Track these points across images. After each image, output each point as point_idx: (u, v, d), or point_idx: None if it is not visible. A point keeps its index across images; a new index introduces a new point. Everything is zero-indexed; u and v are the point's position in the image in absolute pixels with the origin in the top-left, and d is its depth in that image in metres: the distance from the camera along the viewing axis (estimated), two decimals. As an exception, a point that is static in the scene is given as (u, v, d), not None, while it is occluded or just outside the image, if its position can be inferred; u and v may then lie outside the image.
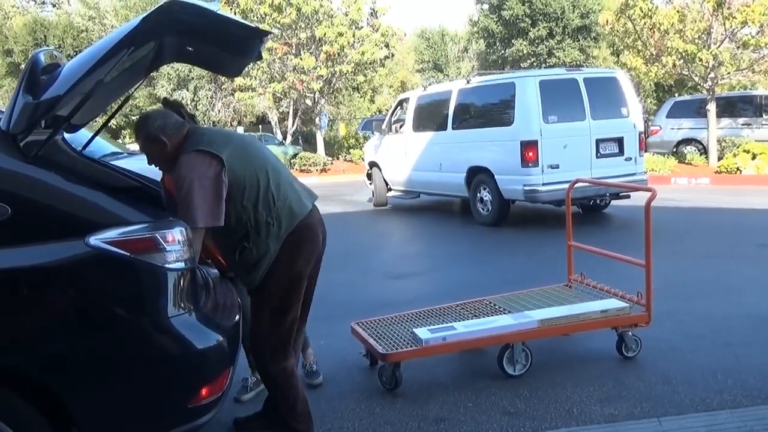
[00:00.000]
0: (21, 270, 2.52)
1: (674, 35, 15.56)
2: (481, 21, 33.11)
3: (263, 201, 3.04)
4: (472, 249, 8.65)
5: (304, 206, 3.16)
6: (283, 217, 3.07)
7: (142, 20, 2.69)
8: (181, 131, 3.12)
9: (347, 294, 6.18)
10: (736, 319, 4.95)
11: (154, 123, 3.11)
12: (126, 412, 2.66)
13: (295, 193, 3.17)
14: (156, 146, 3.11)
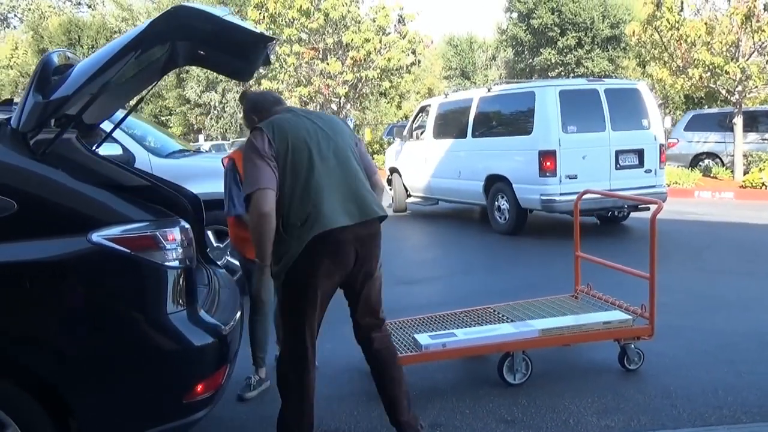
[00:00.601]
0: (25, 264, 2.61)
1: (701, 47, 15.40)
2: (509, 29, 33.06)
3: (298, 199, 3.04)
4: (487, 257, 8.65)
5: (336, 221, 3.04)
6: (310, 223, 3.02)
7: (149, 25, 2.78)
8: (270, 111, 3.34)
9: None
10: (744, 336, 4.90)
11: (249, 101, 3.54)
12: (122, 405, 2.73)
13: (334, 203, 3.07)
14: (248, 121, 3.52)
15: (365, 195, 3.18)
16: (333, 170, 3.13)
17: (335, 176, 3.12)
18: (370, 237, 3.19)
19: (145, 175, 3.85)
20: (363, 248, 3.17)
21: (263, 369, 4.19)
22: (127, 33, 2.95)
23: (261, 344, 4.19)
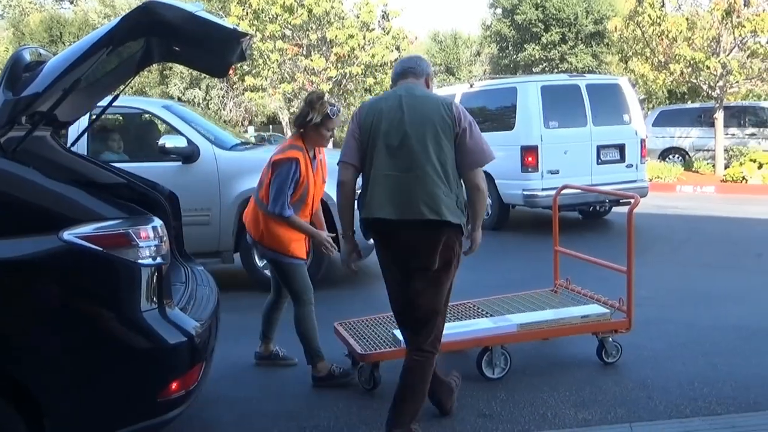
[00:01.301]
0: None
1: (683, 43, 15.51)
2: (494, 25, 33.09)
3: (364, 179, 3.29)
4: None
5: (378, 212, 3.18)
6: (363, 205, 3.26)
7: (121, 20, 2.76)
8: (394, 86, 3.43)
9: (338, 294, 6.23)
10: (721, 329, 4.95)
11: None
12: (96, 404, 2.71)
13: (382, 196, 3.16)
14: None
15: (416, 193, 3.13)
16: (395, 162, 3.17)
17: (395, 167, 3.16)
18: (416, 238, 3.17)
19: (120, 173, 3.84)
20: (408, 246, 3.19)
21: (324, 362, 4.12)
22: (98, 29, 2.93)
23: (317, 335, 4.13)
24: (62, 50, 3.23)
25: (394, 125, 3.17)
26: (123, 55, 3.44)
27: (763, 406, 3.60)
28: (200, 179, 6.32)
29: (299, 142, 4.03)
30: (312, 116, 3.95)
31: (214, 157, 6.43)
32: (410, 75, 3.39)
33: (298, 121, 4.04)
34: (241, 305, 5.63)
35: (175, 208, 3.94)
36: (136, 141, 7.68)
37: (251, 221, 4.17)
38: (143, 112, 7.28)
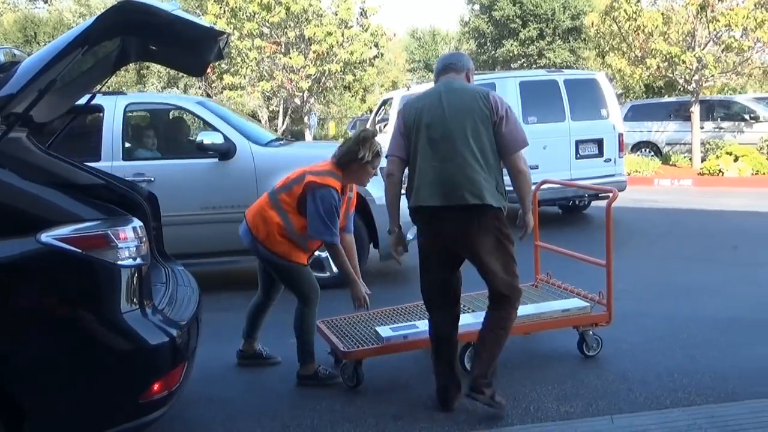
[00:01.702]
0: (-29, 266, 2.55)
1: (658, 37, 15.66)
2: (472, 21, 33.19)
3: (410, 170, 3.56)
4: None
5: (425, 200, 3.46)
6: (411, 195, 3.53)
7: (96, 20, 2.73)
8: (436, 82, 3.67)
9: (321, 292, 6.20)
10: (698, 321, 5.02)
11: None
12: (77, 406, 2.69)
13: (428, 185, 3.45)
14: None
15: (459, 181, 3.39)
16: (438, 153, 3.43)
17: (438, 158, 3.42)
18: (462, 223, 3.45)
19: (98, 173, 3.81)
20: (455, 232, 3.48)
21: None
22: (73, 29, 2.90)
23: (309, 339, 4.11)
24: (37, 50, 3.19)
25: (435, 119, 3.44)
26: (99, 55, 3.41)
27: (740, 396, 3.66)
28: (237, 176, 6.25)
29: (339, 172, 3.97)
30: (363, 154, 3.92)
31: (250, 154, 6.36)
32: (451, 71, 3.63)
33: (346, 158, 3.96)
34: (224, 305, 5.61)
35: (154, 209, 3.92)
36: (170, 138, 7.59)
37: (258, 219, 4.04)
38: (178, 109, 7.21)
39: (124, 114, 6.51)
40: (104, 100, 6.55)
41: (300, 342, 4.07)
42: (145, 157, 6.79)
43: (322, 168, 4.01)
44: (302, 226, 3.96)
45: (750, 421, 3.37)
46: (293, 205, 3.96)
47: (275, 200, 4.02)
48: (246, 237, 4.11)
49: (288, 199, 3.96)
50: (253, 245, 4.08)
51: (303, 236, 3.98)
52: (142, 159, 6.66)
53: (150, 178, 6.26)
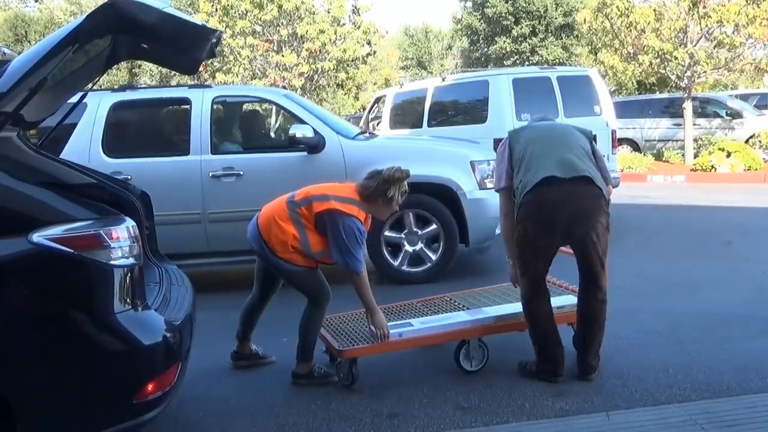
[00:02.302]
0: (-38, 267, 2.53)
1: (651, 34, 15.70)
2: (464, 18, 33.19)
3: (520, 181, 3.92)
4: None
5: (546, 173, 3.76)
6: (527, 181, 3.82)
7: (87, 18, 2.72)
8: None
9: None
10: (693, 316, 5.02)
11: None
12: (70, 407, 2.68)
13: (545, 165, 3.79)
14: None
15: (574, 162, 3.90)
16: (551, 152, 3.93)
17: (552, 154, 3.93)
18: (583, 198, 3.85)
19: (90, 173, 3.78)
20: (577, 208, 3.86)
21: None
22: (64, 27, 2.88)
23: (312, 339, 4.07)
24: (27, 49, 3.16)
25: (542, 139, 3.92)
26: (90, 53, 3.38)
27: (735, 392, 3.66)
28: (327, 170, 6.09)
29: (365, 204, 3.94)
30: (393, 194, 3.92)
31: (340, 147, 6.31)
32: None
33: (373, 192, 3.92)
34: (220, 304, 5.59)
35: (147, 208, 3.89)
36: (252, 131, 7.53)
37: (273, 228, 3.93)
38: (265, 101, 7.16)
39: (211, 107, 6.44)
40: (191, 93, 6.54)
41: (302, 341, 4.04)
42: (232, 150, 6.74)
43: (348, 195, 3.92)
44: (318, 243, 3.90)
45: (745, 416, 3.37)
46: (312, 222, 3.87)
47: (294, 213, 3.90)
48: (255, 241, 4.01)
49: (308, 214, 3.87)
50: (262, 251, 3.99)
51: (316, 253, 3.92)
52: (229, 153, 6.61)
53: (239, 172, 6.27)
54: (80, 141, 6.26)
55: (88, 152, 6.22)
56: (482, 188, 6.36)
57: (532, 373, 3.97)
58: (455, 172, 6.38)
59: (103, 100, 6.46)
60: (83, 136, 6.30)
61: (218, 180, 6.29)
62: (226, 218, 6.21)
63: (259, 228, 3.99)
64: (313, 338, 4.04)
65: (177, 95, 7.00)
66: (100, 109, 6.40)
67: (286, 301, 4.23)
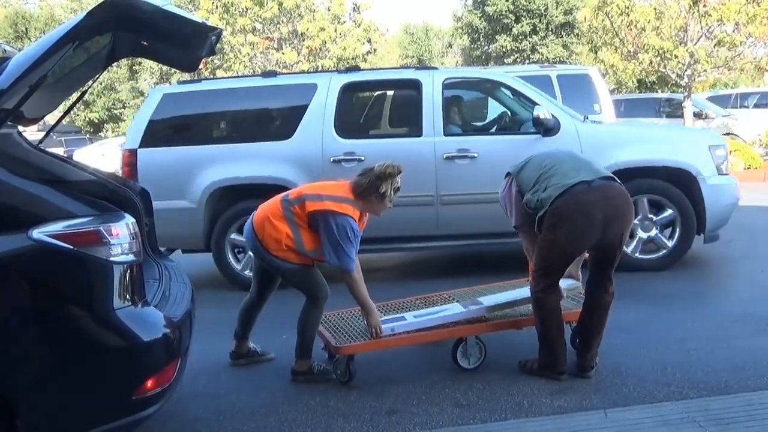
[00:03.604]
0: (-39, 263, 2.54)
1: (651, 32, 15.70)
2: (465, 17, 33.18)
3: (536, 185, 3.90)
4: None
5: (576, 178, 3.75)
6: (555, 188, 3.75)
7: (87, 15, 2.72)
8: None
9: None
10: (691, 314, 5.03)
11: None
12: (70, 403, 2.69)
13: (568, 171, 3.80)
14: None
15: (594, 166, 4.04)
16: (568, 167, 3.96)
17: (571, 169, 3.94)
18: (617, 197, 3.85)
19: (90, 170, 3.79)
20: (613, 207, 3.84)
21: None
22: (64, 24, 2.89)
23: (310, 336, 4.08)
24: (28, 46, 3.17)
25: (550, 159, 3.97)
26: (90, 51, 3.39)
27: (733, 389, 3.67)
28: None
29: (359, 201, 3.93)
30: (385, 190, 3.90)
31: (575, 130, 6.20)
32: None
33: (366, 189, 3.91)
34: (218, 300, 5.61)
35: (146, 205, 3.90)
36: (478, 113, 7.58)
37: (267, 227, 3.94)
38: (495, 83, 7.04)
39: (442, 88, 6.39)
40: (420, 74, 6.53)
41: (300, 338, 4.05)
42: (463, 132, 6.73)
43: (341, 194, 3.92)
44: (311, 242, 3.91)
45: (743, 413, 3.38)
46: (305, 221, 3.88)
47: (288, 212, 3.91)
48: (250, 240, 4.03)
49: (301, 213, 3.88)
50: (257, 250, 4.01)
51: (310, 251, 3.93)
52: (460, 134, 6.60)
53: (473, 155, 6.22)
54: (313, 122, 6.31)
55: (321, 133, 6.28)
56: (720, 174, 6.28)
57: (534, 370, 3.97)
58: (695, 156, 6.26)
59: (333, 82, 6.44)
60: (316, 117, 6.32)
61: (452, 162, 6.24)
62: (459, 201, 6.21)
63: (253, 226, 4.01)
64: (311, 335, 4.05)
65: (406, 77, 6.95)
66: (330, 91, 6.38)
67: (286, 297, 4.24)
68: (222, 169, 6.33)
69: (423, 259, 7.72)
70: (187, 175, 6.32)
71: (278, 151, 6.32)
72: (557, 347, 3.92)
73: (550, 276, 3.89)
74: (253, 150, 6.38)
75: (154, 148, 6.33)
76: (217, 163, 6.34)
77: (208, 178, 6.31)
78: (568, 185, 3.72)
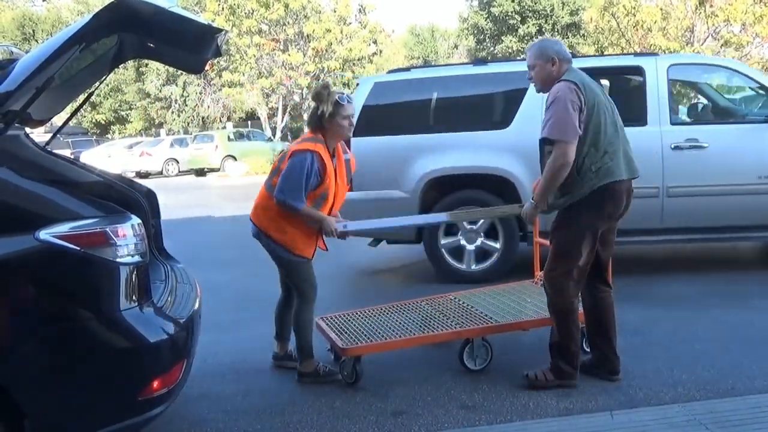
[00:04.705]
0: (-31, 264, 2.55)
1: (657, 33, 15.69)
2: (470, 17, 33.21)
3: (595, 151, 3.60)
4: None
5: (621, 173, 3.66)
6: (601, 173, 3.60)
7: (93, 17, 2.73)
8: (568, 64, 3.73)
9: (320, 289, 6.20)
10: (698, 315, 5.02)
11: (554, 45, 3.78)
12: (76, 404, 2.69)
13: (620, 160, 3.66)
14: (545, 63, 3.73)
15: (633, 157, 3.79)
16: (617, 133, 3.70)
17: (619, 139, 3.70)
18: (631, 192, 3.80)
19: (96, 171, 3.80)
20: (628, 201, 3.78)
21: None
22: (71, 26, 2.90)
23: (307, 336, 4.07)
24: (35, 48, 3.19)
25: (608, 104, 3.70)
26: (97, 52, 3.40)
27: (740, 391, 3.66)
28: None
29: (320, 135, 3.90)
30: (323, 108, 3.84)
31: None
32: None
33: (311, 120, 3.90)
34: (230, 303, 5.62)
35: (153, 206, 3.91)
36: (712, 100, 7.30)
37: (260, 211, 4.02)
38: (725, 69, 6.81)
39: (667, 76, 6.23)
40: (642, 60, 6.38)
41: (298, 339, 4.05)
42: (691, 121, 6.57)
43: (304, 136, 4.03)
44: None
45: (750, 416, 3.36)
46: None
47: (269, 186, 3.97)
48: (256, 236, 4.06)
49: (276, 179, 3.90)
50: (259, 237, 4.04)
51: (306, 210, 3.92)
52: (687, 123, 6.46)
53: (703, 144, 6.01)
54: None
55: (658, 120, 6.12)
56: None
57: (551, 382, 3.79)
58: None
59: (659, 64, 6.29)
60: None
61: (680, 152, 6.03)
62: (687, 193, 6.01)
63: (253, 221, 4.06)
64: (306, 333, 4.05)
65: (628, 63, 6.75)
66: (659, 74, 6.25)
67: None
68: (438, 158, 6.24)
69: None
70: (401, 164, 6.27)
71: (497, 140, 6.23)
72: (576, 348, 3.84)
73: (581, 263, 3.71)
74: (469, 139, 6.28)
75: (367, 137, 6.20)
76: (434, 153, 6.25)
77: (423, 167, 6.24)
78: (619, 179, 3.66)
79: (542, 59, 3.72)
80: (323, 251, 4.17)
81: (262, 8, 20.20)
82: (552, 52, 3.71)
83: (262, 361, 4.44)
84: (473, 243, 6.33)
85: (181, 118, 35.33)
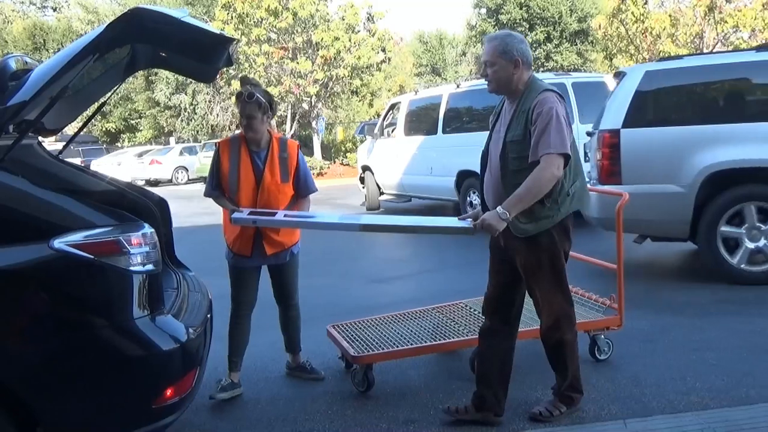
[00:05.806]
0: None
1: (666, 39, 15.66)
2: (479, 25, 33.27)
3: (573, 173, 3.34)
4: (459, 253, 8.66)
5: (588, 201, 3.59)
6: (577, 196, 3.39)
7: (107, 27, 2.75)
8: (530, 70, 3.38)
9: (328, 297, 6.21)
10: (710, 322, 4.99)
11: (519, 44, 3.32)
12: (90, 411, 2.71)
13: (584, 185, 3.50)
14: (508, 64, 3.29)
15: None
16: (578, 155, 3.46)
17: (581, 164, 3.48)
18: None
19: (108, 179, 3.83)
20: None
21: (236, 373, 4.09)
22: (84, 36, 2.92)
23: (238, 348, 4.10)
24: (46, 57, 3.22)
25: None
26: (109, 62, 3.43)
27: (754, 400, 3.63)
28: None
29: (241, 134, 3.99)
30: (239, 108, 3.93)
31: None
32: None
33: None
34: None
35: (165, 214, 3.93)
36: None
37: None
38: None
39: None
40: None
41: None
42: None
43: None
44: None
45: (765, 424, 3.34)
46: None
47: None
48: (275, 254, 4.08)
49: None
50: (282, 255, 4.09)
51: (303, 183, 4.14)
52: None
53: None
54: None
55: None
56: None
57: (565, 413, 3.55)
58: None
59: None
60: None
61: None
62: None
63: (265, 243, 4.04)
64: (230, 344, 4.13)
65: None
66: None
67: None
68: (721, 151, 5.86)
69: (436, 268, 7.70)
70: (678, 157, 5.93)
71: None
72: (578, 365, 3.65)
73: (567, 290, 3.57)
74: (761, 131, 5.88)
75: (639, 128, 6.02)
76: (716, 145, 5.88)
77: (704, 160, 5.87)
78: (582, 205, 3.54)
79: (504, 58, 3.28)
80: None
81: (271, 17, 20.28)
82: (517, 52, 3.28)
83: (273, 370, 4.44)
84: (755, 242, 5.94)
85: (191, 127, 35.47)
